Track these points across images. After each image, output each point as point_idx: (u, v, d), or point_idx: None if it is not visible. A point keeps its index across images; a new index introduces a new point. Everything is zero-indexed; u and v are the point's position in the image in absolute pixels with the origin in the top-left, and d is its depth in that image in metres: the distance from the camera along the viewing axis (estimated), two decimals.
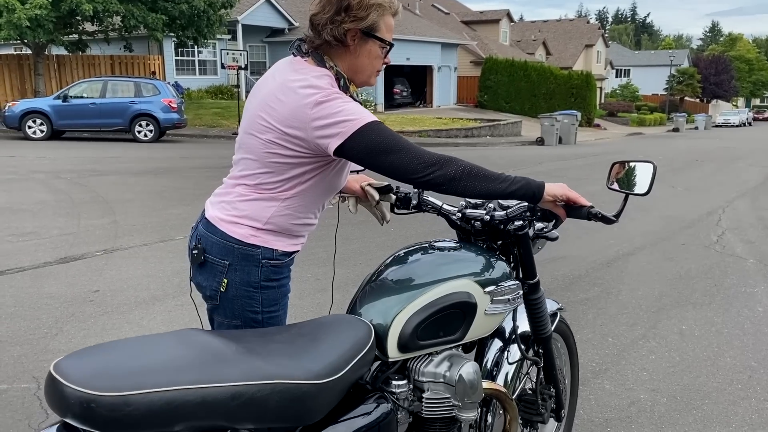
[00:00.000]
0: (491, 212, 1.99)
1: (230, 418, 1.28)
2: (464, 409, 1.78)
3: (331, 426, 1.50)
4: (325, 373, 1.44)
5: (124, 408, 1.15)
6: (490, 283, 1.86)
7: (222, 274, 1.85)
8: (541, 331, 2.21)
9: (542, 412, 2.25)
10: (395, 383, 1.72)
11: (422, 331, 1.71)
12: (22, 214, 7.15)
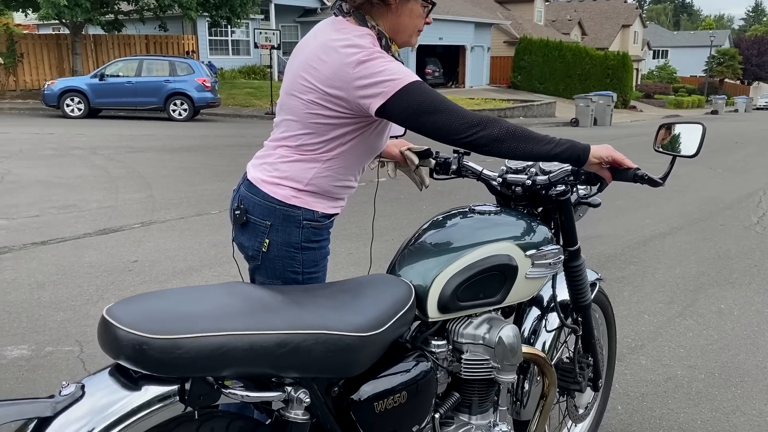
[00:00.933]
0: (533, 177, 1.97)
1: (276, 366, 1.30)
2: (503, 372, 1.78)
3: (372, 380, 1.52)
4: (367, 327, 1.45)
5: (175, 351, 1.18)
6: (531, 246, 1.84)
7: (264, 234, 1.87)
8: (581, 299, 2.19)
9: (579, 380, 2.24)
10: (435, 343, 1.72)
11: (462, 292, 1.71)
12: (62, 188, 7.32)
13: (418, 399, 1.60)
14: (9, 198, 6.72)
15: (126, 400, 1.19)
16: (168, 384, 1.23)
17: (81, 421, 1.15)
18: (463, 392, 1.79)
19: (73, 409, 1.16)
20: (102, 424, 1.15)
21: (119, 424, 1.16)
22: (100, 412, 1.16)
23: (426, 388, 1.62)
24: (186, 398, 1.23)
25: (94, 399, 1.18)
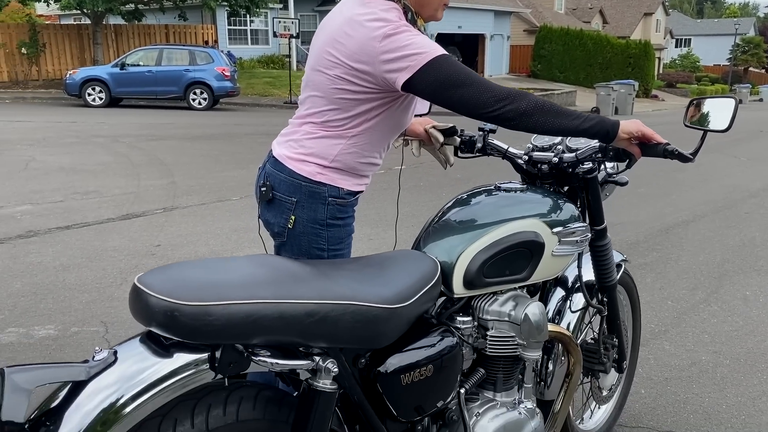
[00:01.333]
0: (559, 154, 1.96)
1: (305, 335, 1.31)
2: (529, 349, 1.77)
3: (399, 353, 1.52)
4: (394, 300, 1.46)
5: (206, 317, 1.19)
6: (558, 224, 1.83)
7: (290, 210, 1.87)
8: (607, 279, 2.17)
9: (604, 361, 2.23)
10: (460, 319, 1.72)
11: (488, 268, 1.70)
12: (85, 174, 7.40)
13: (443, 373, 1.60)
14: (33, 184, 6.81)
15: (157, 366, 1.20)
16: (198, 352, 1.25)
17: (114, 385, 1.16)
18: (488, 369, 1.78)
19: (106, 374, 1.18)
20: (134, 390, 1.16)
21: (151, 389, 1.17)
22: (132, 377, 1.18)
23: (451, 362, 1.62)
24: (216, 366, 1.24)
25: (126, 365, 1.20)
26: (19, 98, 17.13)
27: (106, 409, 1.13)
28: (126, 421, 1.15)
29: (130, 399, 1.16)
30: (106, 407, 1.14)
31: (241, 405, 1.32)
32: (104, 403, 1.14)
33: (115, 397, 1.15)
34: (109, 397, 1.15)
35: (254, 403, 1.34)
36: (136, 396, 1.16)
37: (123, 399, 1.15)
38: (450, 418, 1.69)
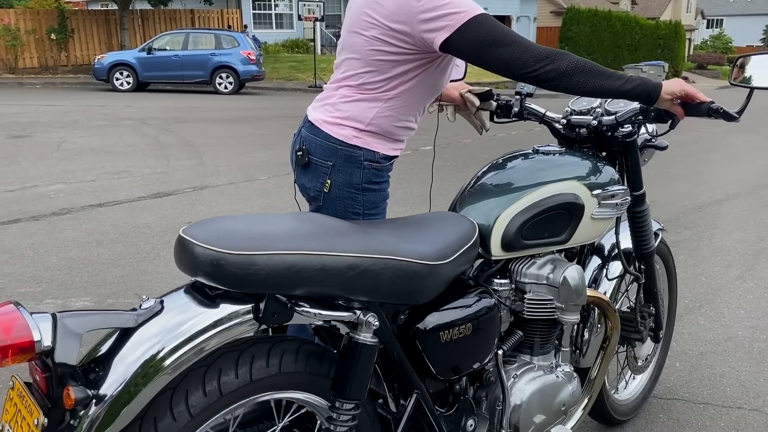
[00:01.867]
0: (599, 117, 1.93)
1: (346, 288, 1.31)
2: (567, 312, 1.76)
3: (438, 311, 1.52)
4: (434, 257, 1.45)
5: (251, 267, 1.20)
6: (598, 186, 1.81)
7: (325, 175, 1.87)
8: (645, 246, 2.14)
9: (641, 329, 2.21)
10: (497, 281, 1.72)
11: (527, 230, 1.69)
12: (115, 155, 7.49)
13: (481, 333, 1.59)
14: (65, 164, 6.92)
15: (202, 316, 1.22)
16: (242, 303, 1.26)
17: (160, 334, 1.18)
18: (526, 332, 1.78)
19: (153, 322, 1.19)
20: (179, 339, 1.18)
21: (196, 338, 1.19)
22: (177, 326, 1.19)
23: (489, 323, 1.62)
24: (260, 316, 1.25)
25: (173, 314, 1.21)
26: (49, 83, 17.37)
27: (151, 357, 1.15)
28: (171, 369, 1.16)
29: (176, 348, 1.17)
30: (152, 355, 1.15)
31: (283, 357, 1.33)
32: (150, 352, 1.15)
33: (160, 346, 1.16)
34: (155, 345, 1.16)
35: (296, 356, 1.35)
36: (182, 345, 1.18)
37: (168, 348, 1.17)
38: (487, 380, 1.69)
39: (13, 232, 4.60)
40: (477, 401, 1.71)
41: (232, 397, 1.26)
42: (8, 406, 1.16)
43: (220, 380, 1.25)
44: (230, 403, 1.27)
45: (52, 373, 1.08)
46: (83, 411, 1.09)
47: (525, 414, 1.72)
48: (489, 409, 1.70)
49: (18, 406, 1.12)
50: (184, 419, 1.21)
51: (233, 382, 1.26)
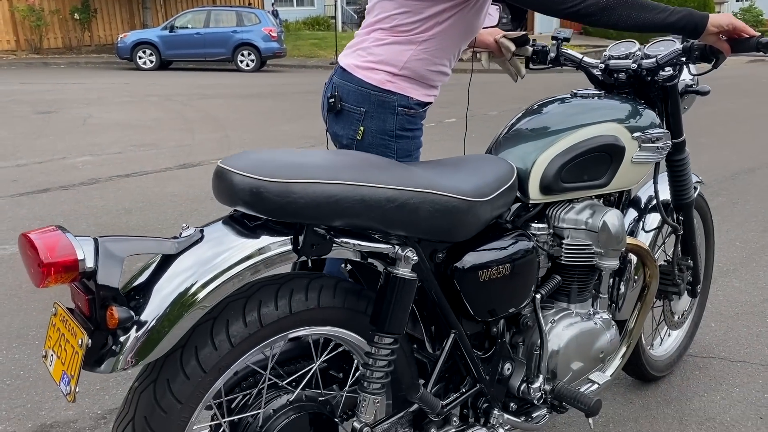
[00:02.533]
0: (638, 60, 1.87)
1: (385, 222, 1.29)
2: (605, 257, 1.73)
3: (476, 251, 1.49)
4: (473, 194, 1.43)
5: (290, 195, 1.18)
6: (638, 129, 1.76)
7: (358, 122, 1.85)
8: (684, 197, 2.09)
9: (678, 282, 2.16)
10: (535, 226, 1.68)
11: (566, 172, 1.65)
12: (141, 129, 7.53)
13: (520, 275, 1.57)
14: (92, 138, 6.98)
15: (242, 245, 1.21)
16: (281, 234, 1.24)
17: (201, 262, 1.17)
18: (564, 278, 1.74)
19: (193, 250, 1.18)
20: (220, 267, 1.17)
21: (236, 267, 1.18)
22: (218, 254, 1.18)
23: (528, 265, 1.59)
24: (299, 248, 1.24)
25: (213, 243, 1.20)
26: (73, 63, 17.50)
27: (191, 285, 1.14)
28: (211, 297, 1.16)
29: (215, 276, 1.16)
30: (192, 283, 1.15)
31: (321, 292, 1.32)
32: (190, 279, 1.15)
33: (200, 274, 1.16)
34: (195, 273, 1.16)
35: (334, 292, 1.34)
36: (221, 273, 1.17)
37: (208, 276, 1.16)
38: (524, 324, 1.67)
39: (42, 201, 4.65)
40: (514, 347, 1.69)
41: (272, 329, 1.26)
42: (51, 332, 1.16)
43: (260, 311, 1.24)
44: (270, 335, 1.26)
45: (94, 295, 1.08)
46: (125, 336, 1.09)
47: (562, 360, 1.69)
48: (526, 355, 1.68)
49: (61, 330, 1.12)
50: (224, 348, 1.20)
51: (273, 314, 1.25)
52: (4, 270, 3.42)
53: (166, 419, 1.16)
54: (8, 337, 2.71)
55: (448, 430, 1.53)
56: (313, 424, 1.38)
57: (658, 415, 2.20)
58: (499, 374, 1.64)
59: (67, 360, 1.09)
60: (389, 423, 1.44)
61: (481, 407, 1.60)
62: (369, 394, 1.35)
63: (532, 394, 1.65)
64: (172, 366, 1.18)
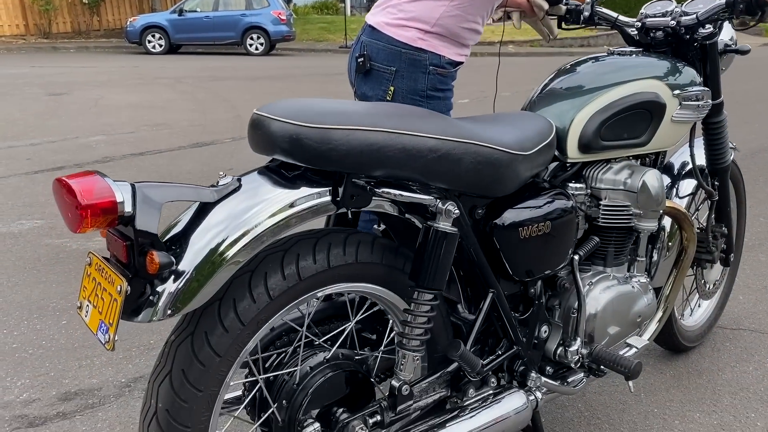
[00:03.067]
0: (677, 18, 1.81)
1: (426, 173, 1.25)
2: (644, 219, 1.68)
3: (515, 208, 1.45)
4: (515, 146, 1.39)
5: (330, 141, 1.14)
6: (678, 87, 1.70)
7: (388, 81, 1.80)
8: (720, 161, 2.04)
9: (712, 249, 2.11)
10: (573, 185, 1.64)
11: (606, 130, 1.60)
12: (152, 110, 7.50)
13: (559, 234, 1.52)
14: (104, 118, 6.95)
15: (281, 195, 1.17)
16: (321, 186, 1.20)
17: (240, 211, 1.13)
18: (601, 240, 1.70)
19: (231, 199, 1.15)
20: (259, 217, 1.13)
21: (274, 217, 1.14)
22: (256, 204, 1.14)
23: (567, 224, 1.55)
24: (338, 199, 1.20)
25: (251, 193, 1.16)
26: (82, 47, 17.44)
27: (231, 235, 1.11)
28: (250, 247, 1.12)
29: (254, 227, 1.12)
30: (231, 233, 1.11)
31: (359, 247, 1.28)
32: (228, 229, 1.11)
33: (239, 223, 1.12)
34: (233, 222, 1.12)
35: (372, 248, 1.30)
36: (259, 224, 1.13)
37: (247, 227, 1.12)
38: (562, 287, 1.62)
39: None
40: (550, 310, 1.64)
41: (311, 283, 1.22)
42: (86, 283, 1.13)
43: (299, 265, 1.20)
44: (308, 289, 1.22)
45: (132, 242, 1.04)
46: (162, 285, 1.06)
47: (600, 323, 1.65)
48: (563, 318, 1.63)
49: (97, 279, 1.09)
50: (263, 301, 1.17)
51: (311, 267, 1.21)
52: (22, 244, 3.41)
53: (205, 372, 1.13)
54: (29, 309, 2.69)
55: (486, 391, 1.50)
56: (350, 383, 1.35)
57: (690, 385, 2.16)
58: (535, 337, 1.60)
59: (105, 309, 1.05)
60: (427, 383, 1.41)
61: (518, 370, 1.56)
62: (409, 351, 1.31)
63: (569, 358, 1.61)
64: (210, 318, 1.14)
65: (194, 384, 1.12)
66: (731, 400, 2.07)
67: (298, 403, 1.28)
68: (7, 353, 2.35)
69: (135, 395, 2.10)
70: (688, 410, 2.02)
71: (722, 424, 1.96)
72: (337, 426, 1.30)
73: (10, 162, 5.08)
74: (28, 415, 1.99)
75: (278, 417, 1.28)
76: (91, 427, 1.93)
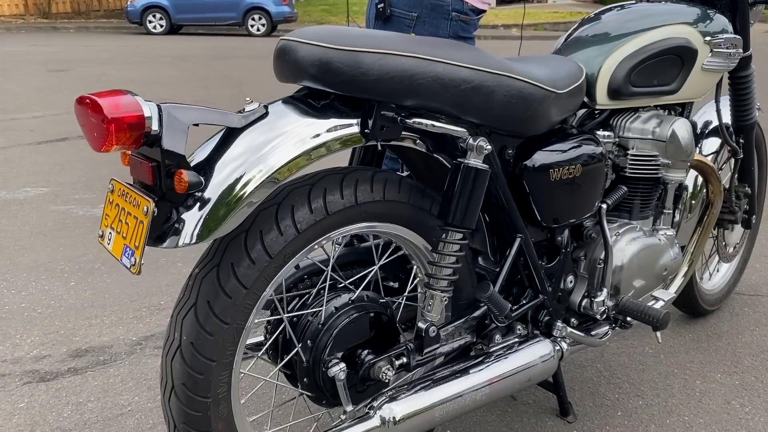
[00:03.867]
0: None
1: (458, 105, 1.21)
2: (672, 169, 1.64)
3: (545, 150, 1.40)
4: (548, 83, 1.34)
5: (361, 66, 1.09)
6: (710, 34, 1.66)
7: (409, 28, 1.76)
8: (746, 118, 1.99)
9: (735, 209, 2.07)
10: (600, 133, 1.59)
11: (636, 75, 1.55)
12: (155, 86, 7.43)
13: (588, 179, 1.48)
14: None
15: (309, 124, 1.13)
16: (349, 117, 1.16)
17: (268, 139, 1.10)
18: (628, 191, 1.65)
19: (259, 126, 1.11)
20: (286, 144, 1.09)
21: (302, 146, 1.10)
22: (284, 133, 1.11)
23: (597, 171, 1.50)
24: (368, 131, 1.16)
25: (279, 121, 1.12)
26: (82, 27, 17.31)
27: (258, 163, 1.07)
28: (276, 177, 1.08)
29: (281, 155, 1.08)
30: (257, 160, 1.07)
31: (386, 185, 1.24)
32: (255, 156, 1.07)
33: (266, 150, 1.08)
34: (261, 149, 1.08)
35: (399, 187, 1.27)
36: (286, 153, 1.09)
37: (274, 154, 1.08)
38: (588, 236, 1.58)
39: (62, 148, 4.59)
40: (576, 261, 1.61)
41: (338, 218, 1.18)
42: (108, 210, 1.09)
43: (326, 199, 1.17)
44: (335, 225, 1.18)
45: (158, 163, 1.00)
46: (188, 212, 1.02)
47: (626, 275, 1.61)
48: (589, 269, 1.60)
49: (121, 205, 1.05)
50: (290, 234, 1.13)
51: (339, 202, 1.18)
52: (28, 210, 3.36)
53: (231, 304, 1.09)
54: (36, 271, 2.65)
55: (512, 338, 1.46)
56: (374, 326, 1.31)
57: (709, 347, 2.13)
58: (561, 288, 1.56)
59: (129, 233, 1.01)
60: (453, 327, 1.37)
61: (543, 321, 1.53)
62: (437, 291, 1.27)
63: (594, 309, 1.58)
64: (236, 250, 1.10)
65: (220, 316, 1.09)
66: (752, 362, 2.04)
67: (323, 344, 1.24)
68: (15, 312, 2.31)
69: (147, 353, 2.06)
70: (709, 371, 1.99)
71: (744, 384, 1.93)
72: (362, 367, 1.26)
73: (13, 133, 5.03)
74: (39, 370, 1.96)
75: (303, 357, 1.25)
76: (103, 382, 1.90)
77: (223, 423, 1.15)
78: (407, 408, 1.21)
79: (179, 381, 1.10)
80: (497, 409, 1.79)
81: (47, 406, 1.79)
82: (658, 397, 1.86)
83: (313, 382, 1.26)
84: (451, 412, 1.27)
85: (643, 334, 2.18)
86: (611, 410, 1.80)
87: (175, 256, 2.79)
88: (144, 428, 1.70)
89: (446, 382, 1.28)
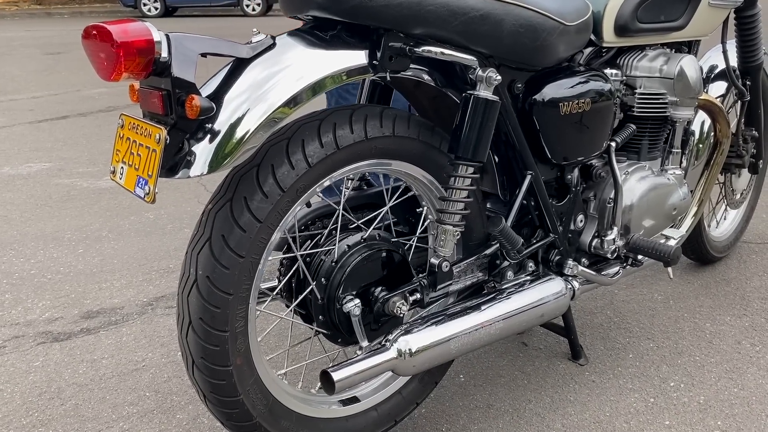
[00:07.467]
0: None
1: (466, 34, 1.20)
2: (680, 107, 1.63)
3: (553, 84, 1.39)
4: (557, 14, 1.33)
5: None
6: None
7: None
8: (752, 59, 1.98)
9: (743, 153, 2.06)
10: (608, 71, 1.58)
11: (643, 10, 1.54)
12: None
13: (597, 116, 1.48)
14: None
15: (316, 55, 1.12)
16: (357, 48, 1.15)
17: (276, 71, 1.09)
18: (636, 130, 1.65)
19: (268, 57, 1.10)
20: (297, 74, 1.09)
21: (311, 76, 1.10)
22: (293, 62, 1.10)
23: (606, 108, 1.50)
24: (376, 62, 1.15)
25: (287, 51, 1.12)
26: (76, 13, 17.20)
27: (266, 93, 1.07)
28: (285, 107, 1.07)
29: (290, 85, 1.08)
30: (268, 91, 1.06)
31: (396, 121, 1.24)
32: (265, 87, 1.07)
33: (275, 82, 1.08)
34: (270, 81, 1.08)
35: (408, 123, 1.26)
36: (295, 83, 1.08)
37: (282, 85, 1.07)
38: (598, 176, 1.58)
39: (63, 126, 4.57)
40: (586, 201, 1.61)
41: (349, 153, 1.18)
42: (119, 146, 1.09)
43: (336, 133, 1.16)
44: (346, 160, 1.18)
45: (169, 91, 0.99)
46: (199, 143, 1.02)
47: (636, 214, 1.61)
48: (599, 208, 1.60)
49: (132, 138, 1.05)
50: (302, 168, 1.13)
51: (349, 137, 1.17)
52: (32, 184, 3.36)
53: (246, 237, 1.09)
54: (44, 240, 2.66)
55: (523, 276, 1.47)
56: (387, 264, 1.31)
57: (718, 292, 2.13)
58: (571, 228, 1.56)
59: (142, 164, 1.01)
60: (465, 264, 1.38)
61: (554, 260, 1.53)
62: (449, 225, 1.27)
63: (605, 248, 1.58)
64: (248, 184, 1.10)
65: (235, 249, 1.09)
66: (762, 305, 2.05)
67: (337, 281, 1.24)
68: (25, 278, 2.32)
69: (158, 312, 2.07)
70: (719, 314, 2.00)
71: (754, 325, 1.94)
72: (377, 303, 1.27)
73: (13, 113, 5.02)
74: (52, 331, 1.97)
75: (317, 295, 1.25)
76: (116, 341, 1.91)
77: (241, 358, 1.15)
78: (423, 340, 1.22)
79: (196, 315, 1.10)
80: (509, 354, 1.80)
81: (62, 364, 1.80)
82: (668, 339, 1.87)
83: (328, 320, 1.27)
84: (466, 345, 1.27)
85: (652, 282, 2.19)
86: (622, 353, 1.81)
87: (182, 222, 2.80)
88: (159, 381, 1.71)
89: (461, 317, 1.29)
